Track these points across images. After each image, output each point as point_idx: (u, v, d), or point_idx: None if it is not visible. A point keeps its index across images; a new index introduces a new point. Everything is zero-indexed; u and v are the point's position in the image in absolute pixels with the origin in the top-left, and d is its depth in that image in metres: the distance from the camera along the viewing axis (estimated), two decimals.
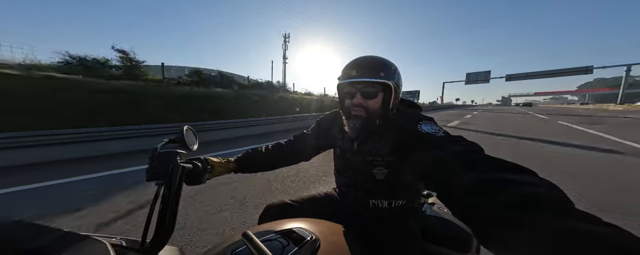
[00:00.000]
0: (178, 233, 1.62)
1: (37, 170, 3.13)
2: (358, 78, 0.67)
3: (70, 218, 1.86)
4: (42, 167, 3.31)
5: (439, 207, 0.87)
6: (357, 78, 0.67)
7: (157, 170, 0.52)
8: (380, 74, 0.66)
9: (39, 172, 3.03)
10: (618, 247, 0.21)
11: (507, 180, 0.34)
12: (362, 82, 0.67)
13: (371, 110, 0.69)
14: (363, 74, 0.67)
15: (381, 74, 0.66)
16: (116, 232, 1.69)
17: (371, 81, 0.66)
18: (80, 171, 3.03)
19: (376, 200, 0.75)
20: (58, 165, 3.37)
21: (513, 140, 5.32)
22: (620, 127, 7.71)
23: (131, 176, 2.90)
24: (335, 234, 0.54)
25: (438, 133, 0.55)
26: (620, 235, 0.23)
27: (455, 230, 0.74)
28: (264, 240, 0.47)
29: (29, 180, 2.69)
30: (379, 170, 0.72)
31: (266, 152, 0.87)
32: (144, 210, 1.99)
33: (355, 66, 0.69)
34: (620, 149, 4.24)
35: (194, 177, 0.65)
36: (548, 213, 0.27)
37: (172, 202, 0.48)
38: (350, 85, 0.69)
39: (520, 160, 2.95)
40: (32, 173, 3.00)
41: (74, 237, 0.34)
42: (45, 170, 3.13)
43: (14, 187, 2.51)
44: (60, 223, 1.84)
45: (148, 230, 0.47)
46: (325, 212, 0.79)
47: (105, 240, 0.37)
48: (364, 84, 0.67)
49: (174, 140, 0.62)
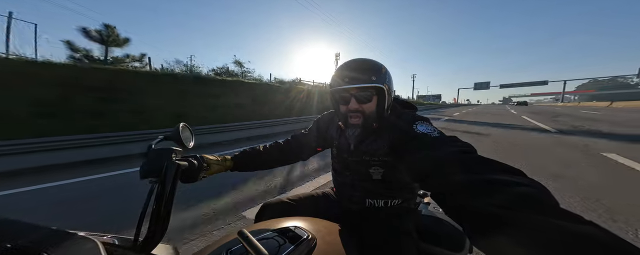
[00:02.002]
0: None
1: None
2: (350, 84, 0.66)
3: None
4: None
5: (434, 206, 0.88)
6: (350, 84, 0.66)
7: (151, 168, 0.51)
8: (372, 78, 0.66)
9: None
10: (602, 245, 0.23)
11: (499, 181, 0.35)
12: (355, 88, 0.67)
13: (367, 114, 0.69)
14: (355, 80, 0.66)
15: (373, 78, 0.66)
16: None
17: (364, 86, 0.66)
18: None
19: (372, 200, 0.75)
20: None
21: (480, 121, 9.88)
22: (547, 115, 12.40)
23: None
24: (331, 233, 0.54)
25: (433, 133, 0.56)
26: (599, 232, 0.24)
27: (449, 229, 0.75)
28: (260, 238, 0.46)
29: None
30: (376, 169, 0.72)
31: (264, 151, 0.87)
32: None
33: (346, 72, 0.68)
34: (525, 125, 7.95)
35: (189, 175, 0.64)
36: (537, 213, 0.28)
37: (166, 200, 0.48)
38: (343, 91, 0.69)
39: (480, 131, 6.34)
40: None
41: (63, 234, 0.33)
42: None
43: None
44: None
45: (141, 229, 0.46)
46: (322, 211, 0.79)
47: (96, 238, 0.36)
48: (357, 89, 0.67)
49: (169, 137, 0.61)
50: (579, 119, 9.51)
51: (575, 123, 8.00)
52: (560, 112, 15.15)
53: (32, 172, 3.11)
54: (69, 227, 0.35)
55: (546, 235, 0.25)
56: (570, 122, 8.46)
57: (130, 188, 2.54)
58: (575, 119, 9.54)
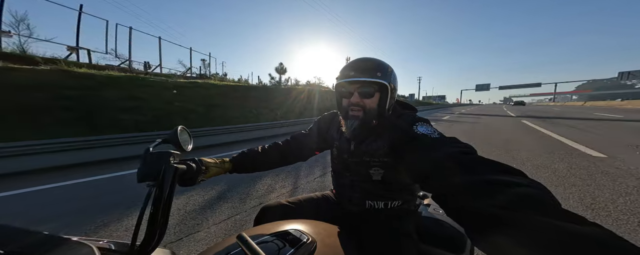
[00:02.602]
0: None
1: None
2: (356, 78, 0.68)
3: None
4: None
5: (434, 208, 0.88)
6: (355, 78, 0.68)
7: (149, 171, 0.50)
8: (377, 74, 0.68)
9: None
10: (602, 245, 0.22)
11: (500, 182, 0.35)
12: (360, 82, 0.68)
13: (368, 109, 0.70)
14: (361, 74, 0.68)
15: (378, 74, 0.68)
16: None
17: (369, 81, 0.67)
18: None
19: (372, 201, 0.75)
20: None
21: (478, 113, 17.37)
22: (529, 110, 18.38)
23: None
24: (331, 236, 0.54)
25: (433, 134, 0.56)
26: (603, 234, 0.24)
27: (450, 231, 0.75)
28: (260, 242, 0.46)
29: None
30: (376, 170, 0.72)
31: (263, 152, 0.86)
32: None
33: (354, 67, 0.70)
34: (504, 113, 16.34)
35: (188, 178, 0.63)
36: (538, 214, 0.28)
37: (164, 204, 0.47)
38: (348, 84, 0.70)
39: (478, 119, 12.57)
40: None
41: (57, 240, 0.32)
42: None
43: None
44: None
45: (138, 233, 0.45)
46: (321, 213, 0.78)
47: (92, 243, 0.35)
48: (361, 83, 0.69)
49: (167, 141, 0.60)
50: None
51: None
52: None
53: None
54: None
55: (547, 236, 0.25)
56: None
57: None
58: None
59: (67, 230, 1.75)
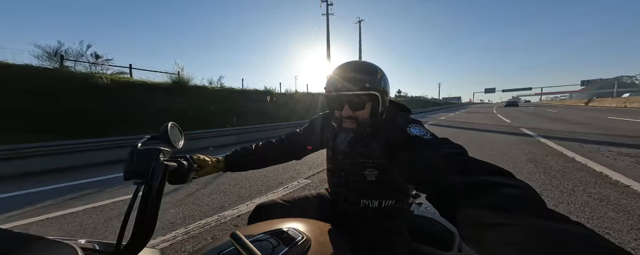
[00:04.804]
0: None
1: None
2: (343, 91, 0.64)
3: None
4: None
5: (426, 207, 0.89)
6: (343, 91, 0.64)
7: (136, 169, 0.48)
8: (366, 85, 0.64)
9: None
10: (585, 242, 0.23)
11: (490, 182, 0.36)
12: (348, 95, 0.65)
13: (361, 120, 0.68)
14: (348, 86, 0.64)
15: (366, 85, 0.64)
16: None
17: (357, 94, 0.64)
18: None
19: (367, 201, 0.75)
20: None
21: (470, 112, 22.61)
22: (515, 110, 20.82)
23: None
24: (325, 234, 0.53)
25: (425, 136, 0.57)
26: (586, 232, 0.25)
27: (440, 229, 0.76)
28: (254, 240, 0.45)
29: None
30: (370, 171, 0.72)
31: (256, 150, 0.85)
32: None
33: (342, 76, 0.66)
34: (488, 111, 22.40)
35: (178, 176, 0.61)
36: (526, 213, 0.29)
37: (152, 203, 0.45)
38: (337, 97, 0.67)
39: (468, 119, 13.53)
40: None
41: (36, 239, 0.30)
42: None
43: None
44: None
45: (124, 233, 0.43)
46: (316, 212, 0.78)
47: (74, 243, 0.33)
48: (350, 96, 0.65)
49: (157, 137, 0.58)
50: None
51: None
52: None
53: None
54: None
55: (534, 234, 0.26)
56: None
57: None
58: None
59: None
